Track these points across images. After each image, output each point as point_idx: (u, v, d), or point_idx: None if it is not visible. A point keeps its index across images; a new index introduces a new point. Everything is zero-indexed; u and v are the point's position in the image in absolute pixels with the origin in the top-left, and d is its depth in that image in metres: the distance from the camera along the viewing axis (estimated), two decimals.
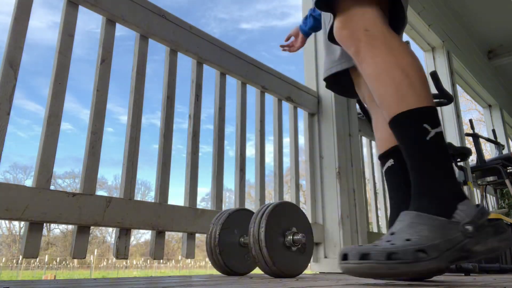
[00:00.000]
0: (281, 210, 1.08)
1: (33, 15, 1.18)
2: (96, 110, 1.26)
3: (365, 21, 0.94)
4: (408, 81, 0.86)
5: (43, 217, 1.04)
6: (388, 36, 0.93)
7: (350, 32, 0.96)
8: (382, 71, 0.89)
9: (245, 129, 1.76)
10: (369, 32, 0.93)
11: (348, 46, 0.97)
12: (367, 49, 0.93)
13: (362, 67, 0.95)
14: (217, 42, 1.69)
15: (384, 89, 0.89)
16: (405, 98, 0.85)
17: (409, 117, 0.84)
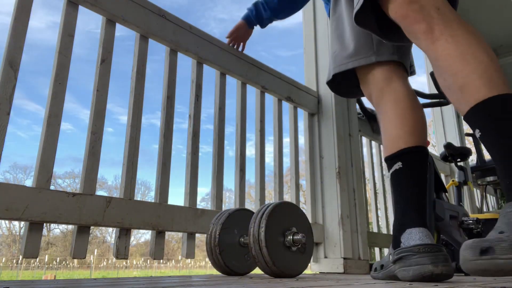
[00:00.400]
0: (281, 210, 1.08)
1: (32, 16, 1.18)
2: (96, 110, 1.26)
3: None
4: (494, 65, 0.81)
5: (43, 217, 1.04)
6: (461, 19, 0.88)
7: (420, 6, 0.90)
8: (466, 51, 0.83)
9: (245, 129, 1.76)
10: (441, 11, 0.88)
11: (417, 21, 0.91)
12: (443, 27, 0.86)
13: (437, 45, 0.87)
14: (217, 42, 1.69)
15: (471, 70, 0.81)
16: (495, 82, 0.78)
17: (502, 102, 0.77)
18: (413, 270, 0.90)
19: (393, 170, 1.08)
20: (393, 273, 1.00)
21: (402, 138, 1.07)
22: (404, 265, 0.94)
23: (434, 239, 1.59)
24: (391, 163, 1.09)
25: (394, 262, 0.98)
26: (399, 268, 0.96)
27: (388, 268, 1.04)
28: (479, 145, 3.40)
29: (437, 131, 3.43)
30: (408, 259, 0.93)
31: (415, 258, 0.91)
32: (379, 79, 1.18)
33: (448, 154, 2.35)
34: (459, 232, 1.78)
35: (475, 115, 0.81)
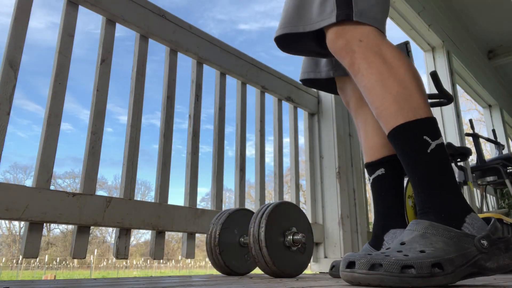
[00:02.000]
0: (281, 210, 1.08)
1: (32, 16, 1.18)
2: (96, 110, 1.26)
3: (359, 32, 0.93)
4: (405, 92, 0.84)
5: (43, 217, 1.04)
6: (383, 47, 0.91)
7: (344, 42, 0.94)
8: (378, 83, 0.87)
9: (245, 129, 1.76)
10: (363, 43, 0.92)
11: (343, 57, 0.96)
12: (361, 60, 0.91)
13: (357, 79, 0.93)
14: (217, 42, 1.69)
15: (381, 101, 0.86)
16: (403, 109, 0.83)
17: (408, 130, 0.82)
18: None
19: (375, 176, 1.13)
20: None
21: (385, 147, 1.13)
22: None
23: None
24: (373, 169, 1.14)
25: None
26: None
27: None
28: (479, 145, 3.41)
29: None
30: None
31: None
32: (357, 89, 1.21)
33: (448, 154, 2.35)
34: None
35: (391, 143, 0.87)
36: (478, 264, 0.70)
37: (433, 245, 0.69)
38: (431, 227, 0.72)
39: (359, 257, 0.68)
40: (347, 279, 0.69)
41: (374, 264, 0.66)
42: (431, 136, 0.80)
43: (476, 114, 16.88)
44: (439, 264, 0.67)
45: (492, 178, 3.36)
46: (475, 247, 0.70)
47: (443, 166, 0.79)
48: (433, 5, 3.49)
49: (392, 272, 0.65)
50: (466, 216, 0.75)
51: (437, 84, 1.76)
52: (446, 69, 3.46)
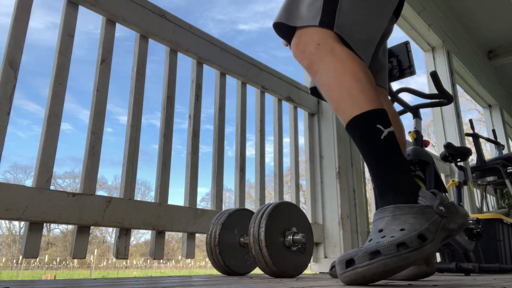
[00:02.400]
0: (281, 210, 1.08)
1: (31, 16, 1.18)
2: (96, 110, 1.26)
3: (317, 36, 0.99)
4: (359, 85, 0.91)
5: (43, 217, 1.04)
6: (338, 49, 0.97)
7: (303, 46, 1.01)
8: (333, 79, 0.94)
9: (245, 129, 1.76)
10: (321, 46, 0.98)
11: (302, 59, 1.02)
12: (319, 61, 0.97)
13: (317, 78, 0.99)
14: (217, 42, 1.69)
15: (338, 95, 0.93)
16: (358, 101, 0.89)
17: (363, 119, 0.88)
18: (407, 271, 0.98)
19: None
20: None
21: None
22: None
23: None
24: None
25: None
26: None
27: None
28: (479, 145, 3.41)
29: (437, 131, 3.43)
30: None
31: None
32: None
33: (448, 154, 2.35)
34: None
35: (348, 133, 0.94)
36: (445, 227, 0.79)
37: (407, 222, 0.76)
38: (397, 209, 0.79)
39: (354, 253, 0.70)
40: (350, 278, 0.69)
41: (373, 253, 0.69)
42: (383, 125, 0.87)
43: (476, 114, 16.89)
44: (422, 235, 0.73)
45: (492, 178, 3.36)
46: (437, 214, 0.79)
47: (395, 150, 0.86)
48: (433, 5, 3.49)
49: (391, 254, 0.68)
50: (418, 191, 0.82)
51: (437, 84, 1.76)
52: (446, 69, 3.46)
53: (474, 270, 1.47)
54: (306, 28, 1.02)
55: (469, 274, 1.51)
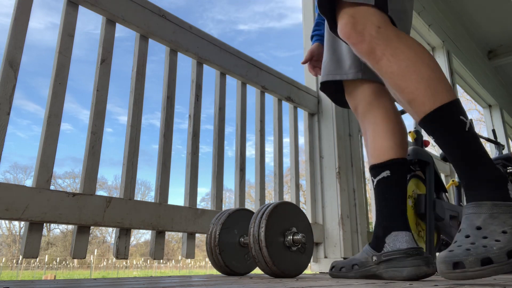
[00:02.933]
0: (281, 210, 1.08)
1: (31, 16, 1.18)
2: (96, 110, 1.26)
3: (375, 19, 0.93)
4: (436, 75, 0.86)
5: (43, 217, 1.04)
6: (401, 34, 0.92)
7: (361, 27, 0.93)
8: (408, 68, 0.88)
9: (245, 129, 1.76)
10: (382, 30, 0.92)
11: (359, 42, 0.94)
12: (384, 46, 0.90)
13: (381, 65, 0.92)
14: (217, 42, 1.69)
15: (415, 86, 0.87)
16: (438, 92, 0.85)
17: (446, 112, 0.84)
18: (407, 271, 0.99)
19: (380, 177, 1.15)
20: (375, 273, 1.08)
21: (392, 149, 1.15)
22: (396, 265, 1.02)
23: (434, 239, 1.59)
24: (379, 171, 1.16)
25: (378, 263, 1.06)
26: (386, 269, 1.04)
27: (367, 267, 1.11)
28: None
29: None
30: (401, 261, 1.01)
31: (410, 260, 1.00)
32: (367, 94, 1.24)
33: None
34: None
35: (425, 126, 0.88)
36: None
37: (507, 223, 0.74)
38: (495, 207, 0.76)
39: (464, 257, 0.71)
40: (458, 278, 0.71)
41: (483, 260, 0.70)
42: (464, 116, 0.84)
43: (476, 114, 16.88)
44: None
45: None
46: None
47: (479, 142, 0.83)
48: (433, 5, 3.49)
49: (503, 262, 0.70)
50: (507, 185, 0.79)
51: None
52: (446, 69, 3.46)
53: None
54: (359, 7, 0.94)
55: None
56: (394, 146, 1.15)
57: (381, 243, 1.08)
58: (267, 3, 66.18)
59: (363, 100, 1.25)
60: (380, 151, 1.17)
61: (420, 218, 1.64)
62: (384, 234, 1.08)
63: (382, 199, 1.13)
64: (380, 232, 1.10)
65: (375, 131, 1.20)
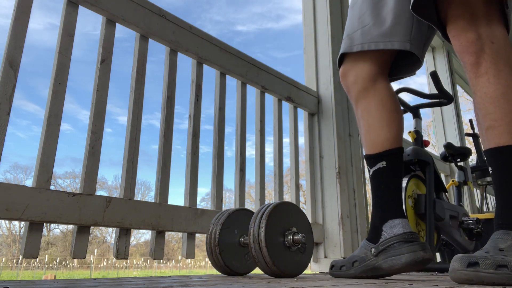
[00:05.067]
0: (281, 210, 1.08)
1: (30, 17, 1.18)
2: (96, 110, 1.26)
3: (492, 31, 0.89)
4: None
5: (43, 217, 1.04)
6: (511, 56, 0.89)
7: (476, 37, 0.90)
8: (504, 96, 0.85)
9: (245, 129, 1.76)
10: (495, 46, 0.88)
11: (469, 52, 0.91)
12: (490, 65, 0.87)
13: (478, 82, 0.89)
14: (217, 42, 1.69)
15: (502, 115, 0.85)
16: None
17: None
18: (405, 257, 0.99)
19: (376, 168, 1.14)
20: (374, 266, 1.07)
21: (388, 140, 1.14)
22: (393, 254, 1.02)
23: (434, 239, 1.59)
24: (374, 161, 1.15)
25: (377, 255, 1.05)
26: (385, 259, 1.03)
27: (366, 262, 1.09)
28: (479, 145, 3.40)
29: (437, 131, 3.43)
30: (398, 248, 1.01)
31: (406, 246, 1.00)
32: (366, 75, 1.18)
33: (448, 154, 2.35)
34: (459, 232, 1.78)
35: (492, 156, 0.88)
36: None
37: None
38: None
39: (481, 258, 0.73)
40: (468, 277, 0.73)
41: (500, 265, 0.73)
42: None
43: None
44: None
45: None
46: None
47: None
48: None
49: None
50: None
51: (437, 84, 1.76)
52: (446, 69, 3.46)
53: None
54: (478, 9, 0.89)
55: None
56: (389, 136, 1.14)
57: (379, 231, 1.08)
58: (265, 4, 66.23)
59: (357, 83, 1.19)
60: (375, 141, 1.15)
61: (420, 218, 1.64)
62: (380, 223, 1.09)
63: (378, 190, 1.14)
64: (377, 222, 1.11)
65: (369, 119, 1.17)
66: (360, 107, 1.21)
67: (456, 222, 1.78)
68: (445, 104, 1.80)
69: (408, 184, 1.63)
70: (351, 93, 1.23)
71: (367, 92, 1.18)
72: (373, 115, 1.17)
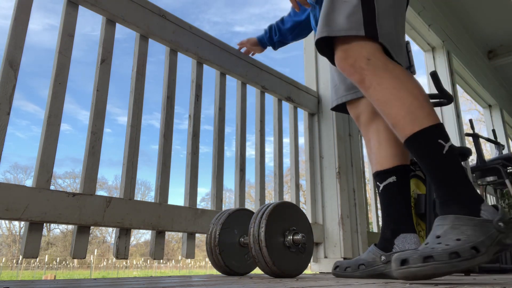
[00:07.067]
0: (281, 210, 1.08)
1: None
2: (96, 110, 1.26)
3: (365, 51, 1.01)
4: (417, 102, 0.94)
5: (43, 217, 1.04)
6: (389, 64, 1.00)
7: (352, 60, 1.02)
8: (391, 95, 0.96)
9: (245, 129, 1.76)
10: (372, 61, 1.00)
11: (351, 74, 1.04)
12: (372, 77, 0.99)
13: (369, 93, 1.01)
14: (217, 42, 1.69)
15: (396, 112, 0.95)
16: (418, 118, 0.92)
17: (424, 136, 0.91)
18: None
19: (387, 183, 1.21)
20: (382, 272, 1.12)
21: (397, 156, 1.22)
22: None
23: None
24: (385, 177, 1.22)
25: (386, 263, 1.10)
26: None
27: (374, 267, 1.14)
28: (479, 145, 3.40)
29: None
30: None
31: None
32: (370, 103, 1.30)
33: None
34: None
35: (408, 149, 0.97)
36: (501, 242, 0.83)
37: (464, 233, 0.82)
38: (457, 219, 0.84)
39: (410, 254, 0.78)
40: (403, 275, 0.78)
41: (426, 257, 0.76)
42: (444, 139, 0.90)
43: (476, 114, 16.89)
44: (475, 247, 0.79)
45: (492, 178, 3.36)
46: (495, 229, 0.83)
47: (457, 164, 0.90)
48: (433, 5, 3.49)
49: (443, 260, 0.76)
50: (481, 205, 0.86)
51: (437, 84, 1.76)
52: (446, 69, 3.46)
53: (474, 270, 1.47)
54: (351, 41, 1.03)
55: (469, 274, 1.51)
56: (398, 153, 1.22)
57: (390, 244, 1.12)
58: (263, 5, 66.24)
59: (366, 110, 1.32)
60: (385, 158, 1.23)
61: (420, 218, 1.64)
62: (393, 236, 1.13)
63: (389, 203, 1.19)
64: (388, 234, 1.15)
65: (379, 138, 1.27)
66: (370, 129, 1.32)
67: None
68: (445, 104, 1.80)
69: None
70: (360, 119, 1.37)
71: (375, 115, 1.32)
72: (383, 134, 1.27)
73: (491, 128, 4.52)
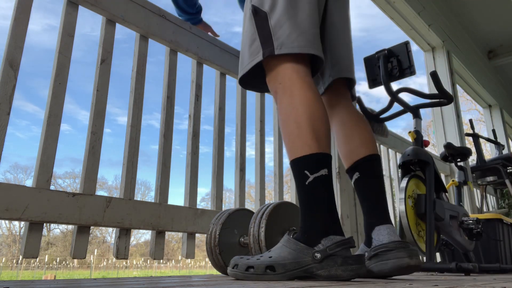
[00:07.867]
0: (281, 210, 1.08)
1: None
2: (96, 110, 1.26)
3: (280, 76, 1.06)
4: (298, 132, 0.99)
5: (43, 217, 1.04)
6: (295, 89, 1.03)
7: (271, 85, 1.09)
8: (282, 122, 1.04)
9: (245, 129, 1.76)
10: (281, 86, 1.06)
11: (273, 95, 1.11)
12: (278, 99, 1.07)
13: (278, 112, 1.09)
14: (217, 42, 1.69)
15: (284, 138, 1.03)
16: (294, 147, 0.99)
17: (295, 164, 0.99)
18: (391, 263, 1.05)
19: (353, 180, 1.25)
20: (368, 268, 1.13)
21: (353, 152, 1.25)
22: (382, 259, 1.07)
23: (434, 239, 1.59)
24: (351, 174, 1.26)
25: (370, 258, 1.11)
26: (376, 263, 1.09)
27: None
28: (479, 145, 3.41)
29: (437, 131, 3.43)
30: (386, 254, 1.07)
31: (393, 252, 1.06)
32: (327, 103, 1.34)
33: (448, 154, 2.35)
34: (459, 232, 1.78)
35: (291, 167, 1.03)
36: (309, 271, 0.89)
37: (281, 254, 0.90)
38: (287, 241, 0.92)
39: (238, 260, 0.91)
40: (232, 275, 0.91)
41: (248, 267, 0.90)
42: (310, 170, 0.96)
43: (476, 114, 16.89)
44: (271, 266, 0.88)
45: (492, 178, 3.36)
46: (310, 258, 0.89)
47: (317, 196, 0.95)
48: (433, 5, 3.49)
49: (240, 270, 0.90)
50: (323, 238, 0.91)
51: (437, 84, 1.76)
52: (446, 69, 3.46)
53: (474, 270, 1.47)
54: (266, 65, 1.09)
55: (469, 274, 1.51)
56: (354, 148, 1.25)
57: (370, 238, 1.15)
58: None
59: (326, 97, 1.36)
60: (345, 156, 1.27)
61: (420, 218, 1.64)
62: (369, 230, 1.16)
63: (361, 199, 1.22)
64: (367, 230, 1.17)
65: (337, 140, 1.31)
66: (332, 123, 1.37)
67: (456, 222, 1.78)
68: (445, 104, 1.80)
69: (408, 184, 1.63)
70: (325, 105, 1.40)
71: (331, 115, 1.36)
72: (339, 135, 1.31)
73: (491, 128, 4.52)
